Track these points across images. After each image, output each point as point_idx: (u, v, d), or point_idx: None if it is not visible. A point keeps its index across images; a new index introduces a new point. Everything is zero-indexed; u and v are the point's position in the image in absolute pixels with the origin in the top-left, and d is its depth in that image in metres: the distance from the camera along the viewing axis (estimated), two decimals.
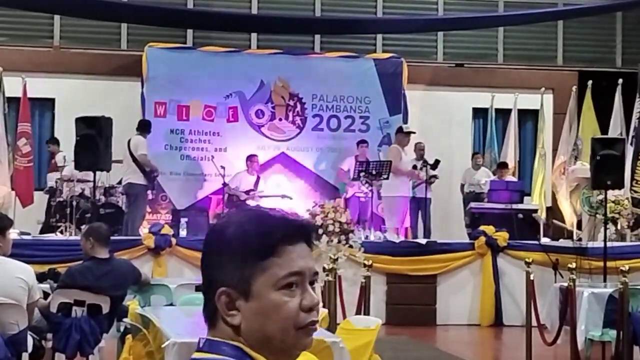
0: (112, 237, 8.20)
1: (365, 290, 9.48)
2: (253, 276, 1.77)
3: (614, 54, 19.08)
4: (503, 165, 16.45)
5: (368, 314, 8.84)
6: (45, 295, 7.48)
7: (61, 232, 13.49)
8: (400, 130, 15.16)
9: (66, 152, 14.36)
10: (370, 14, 18.09)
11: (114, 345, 7.84)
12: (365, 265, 9.69)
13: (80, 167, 13.14)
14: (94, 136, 12.79)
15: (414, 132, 15.17)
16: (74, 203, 13.92)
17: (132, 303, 7.03)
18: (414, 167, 14.81)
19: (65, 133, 15.04)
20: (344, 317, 9.32)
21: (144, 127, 14.60)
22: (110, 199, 14.66)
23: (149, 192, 14.80)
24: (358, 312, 9.22)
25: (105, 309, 7.31)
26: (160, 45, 16.70)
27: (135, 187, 14.25)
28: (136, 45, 16.98)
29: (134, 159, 14.21)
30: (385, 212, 14.97)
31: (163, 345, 5.25)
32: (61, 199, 14.31)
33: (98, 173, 13.29)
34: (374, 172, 14.96)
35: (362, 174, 15.05)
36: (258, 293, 1.77)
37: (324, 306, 7.67)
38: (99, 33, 17.30)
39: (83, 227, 13.39)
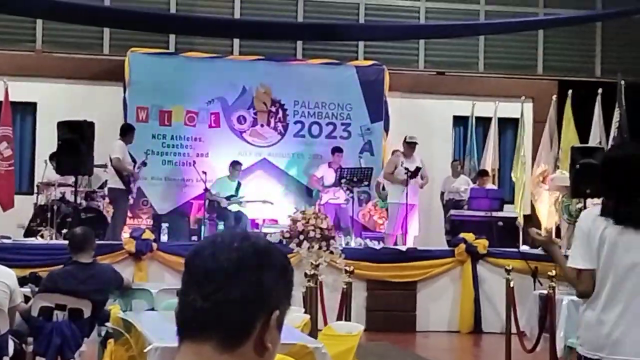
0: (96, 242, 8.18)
1: (346, 297, 9.52)
2: (284, 308, 1.81)
3: (594, 64, 19.22)
4: (483, 173, 16.54)
5: (349, 320, 8.89)
6: (26, 299, 7.49)
7: (42, 236, 13.46)
8: (404, 140, 15.22)
9: (47, 156, 14.33)
10: (353, 20, 18.15)
11: (95, 349, 7.85)
12: (346, 272, 9.74)
13: (62, 171, 13.12)
14: (76, 140, 12.79)
15: (417, 143, 15.13)
16: (55, 207, 13.90)
17: (114, 307, 7.05)
18: (408, 174, 14.72)
19: (47, 137, 15.01)
20: (325, 323, 9.36)
21: (124, 132, 14.58)
22: (92, 203, 14.65)
23: (129, 196, 14.75)
24: (339, 318, 9.27)
25: (87, 314, 7.32)
26: (143, 50, 16.69)
27: (113, 191, 14.24)
28: (119, 50, 16.97)
29: (111, 163, 14.20)
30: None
31: (145, 350, 5.28)
32: (42, 203, 14.29)
33: (80, 177, 13.28)
34: (355, 179, 15.02)
35: (342, 180, 15.11)
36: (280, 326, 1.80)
37: (305, 312, 7.71)
38: (81, 37, 17.27)
39: (64, 231, 13.46)
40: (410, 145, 15.07)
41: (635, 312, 4.49)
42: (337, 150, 16.09)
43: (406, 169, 14.79)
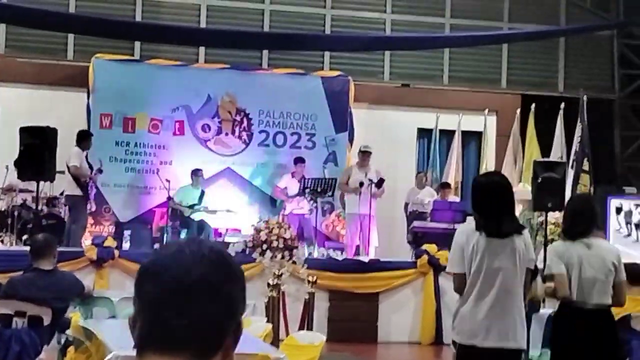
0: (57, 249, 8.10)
1: (308, 307, 9.52)
2: (241, 316, 1.81)
3: (557, 79, 19.38)
4: (445, 186, 16.62)
5: (311, 330, 8.88)
6: None
7: (2, 242, 13.33)
8: (359, 149, 15.36)
9: (9, 161, 14.21)
10: (319, 31, 18.18)
11: (54, 357, 7.77)
12: (309, 282, 9.73)
13: (24, 176, 13.01)
14: (38, 146, 12.68)
15: (370, 152, 15.24)
16: (16, 213, 13.78)
17: (74, 315, 6.99)
18: (360, 184, 14.90)
19: (8, 142, 14.88)
20: (287, 333, 9.36)
21: (80, 139, 14.50)
22: (53, 209, 14.55)
23: (88, 202, 14.65)
24: (301, 328, 9.27)
25: (47, 321, 7.25)
26: (108, 56, 16.60)
27: (71, 198, 14.19)
28: (83, 56, 16.87)
29: (69, 170, 14.12)
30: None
31: (106, 359, 5.24)
32: (3, 209, 14.16)
33: (41, 183, 13.17)
34: (318, 190, 15.03)
35: (306, 190, 15.11)
36: None
37: (267, 321, 7.69)
38: (45, 42, 17.14)
39: (24, 237, 13.35)
40: (364, 155, 15.21)
41: (502, 306, 5.59)
42: (299, 160, 16.10)
43: (370, 180, 14.84)
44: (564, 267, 6.29)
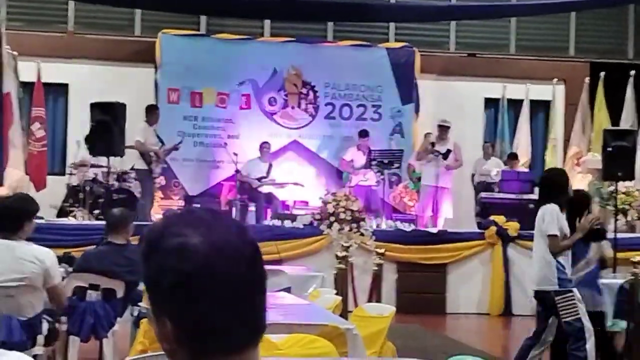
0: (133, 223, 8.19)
1: (377, 279, 9.55)
2: None
3: (626, 46, 19.05)
4: (513, 156, 16.49)
5: (380, 302, 8.91)
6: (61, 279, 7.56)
7: (74, 217, 13.56)
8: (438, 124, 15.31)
9: (80, 137, 14.44)
10: (384, 1, 18.06)
11: (127, 329, 7.90)
12: (377, 254, 9.76)
13: (95, 152, 13.22)
14: (108, 122, 12.89)
15: (449, 126, 15.13)
16: (87, 188, 14.01)
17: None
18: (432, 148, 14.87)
19: (79, 118, 15.12)
20: (356, 304, 9.41)
21: (147, 113, 14.67)
22: (124, 184, 14.73)
23: (157, 176, 14.80)
24: (370, 300, 9.31)
25: (120, 294, 7.37)
26: (174, 31, 16.73)
27: (139, 172, 14.39)
28: (150, 32, 17.02)
29: (134, 146, 14.29)
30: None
31: None
32: (75, 184, 14.40)
33: (111, 158, 13.37)
34: (385, 161, 15.01)
35: (373, 162, 15.10)
36: None
37: (336, 293, 7.73)
38: (112, 19, 17.33)
39: (96, 212, 13.56)
40: (442, 129, 15.09)
41: None
42: (363, 134, 16.01)
43: (437, 150, 14.79)
44: None
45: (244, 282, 1.63)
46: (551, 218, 7.40)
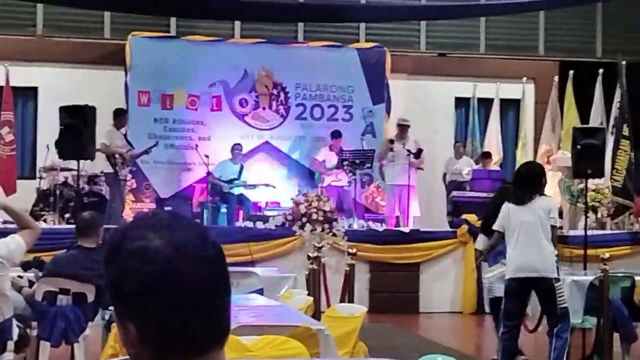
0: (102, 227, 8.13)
1: (349, 278, 9.55)
2: None
3: (595, 44, 19.19)
4: (486, 155, 16.56)
5: (352, 302, 8.91)
6: (30, 283, 7.51)
7: (45, 221, 13.49)
8: (397, 122, 15.44)
9: (49, 140, 14.36)
10: (354, 1, 18.09)
11: (98, 333, 7.87)
12: (349, 254, 9.76)
13: (65, 156, 13.15)
14: (77, 125, 12.82)
15: (408, 125, 15.24)
16: (58, 192, 13.93)
17: None
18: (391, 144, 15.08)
19: (49, 122, 15.03)
20: (328, 304, 9.40)
21: (114, 117, 14.64)
22: (94, 187, 14.68)
23: (124, 179, 14.72)
24: (342, 300, 9.30)
25: (91, 298, 7.34)
26: (144, 33, 16.66)
27: (107, 176, 14.34)
28: (119, 34, 16.95)
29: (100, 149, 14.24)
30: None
31: None
32: (45, 188, 14.32)
33: (82, 162, 13.31)
34: (357, 162, 15.04)
35: (345, 162, 15.12)
36: None
37: (308, 294, 7.74)
38: (82, 22, 17.24)
39: (66, 216, 13.50)
40: (402, 128, 15.24)
41: None
42: (335, 134, 16.06)
43: (408, 150, 14.85)
44: None
45: (207, 283, 1.61)
46: (556, 210, 7.99)
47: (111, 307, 6.96)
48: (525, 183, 8.01)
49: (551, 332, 7.94)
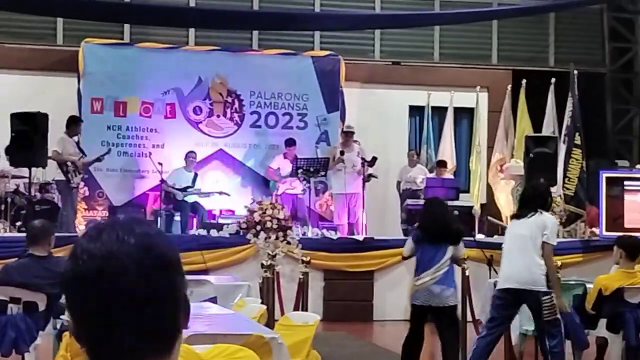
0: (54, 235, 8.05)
1: (303, 287, 9.55)
2: None
3: (547, 54, 19.38)
4: (442, 164, 16.64)
5: (306, 310, 8.92)
6: None
7: None
8: (341, 130, 15.52)
9: (0, 148, 14.19)
10: (308, 10, 18.12)
11: (50, 342, 7.78)
12: (303, 262, 9.76)
13: (16, 163, 13.00)
14: (28, 132, 12.69)
15: (353, 132, 15.35)
16: (9, 199, 13.77)
17: None
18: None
19: (0, 129, 14.85)
20: (282, 313, 9.39)
21: (67, 124, 14.51)
22: (46, 195, 14.53)
23: (76, 187, 14.58)
24: (296, 308, 9.30)
25: (42, 307, 7.27)
26: (97, 40, 16.54)
27: (59, 183, 14.21)
28: (72, 41, 16.81)
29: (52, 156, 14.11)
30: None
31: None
32: None
33: (33, 169, 13.16)
34: (311, 170, 15.05)
35: (299, 170, 15.13)
36: None
37: (262, 302, 7.72)
38: (34, 28, 17.09)
39: (18, 224, 13.34)
40: (346, 135, 15.35)
41: None
42: (290, 142, 16.07)
43: (363, 158, 14.92)
44: None
45: (132, 290, 1.57)
46: (554, 230, 8.22)
47: (62, 316, 6.92)
48: (527, 200, 8.47)
49: (541, 337, 8.21)
